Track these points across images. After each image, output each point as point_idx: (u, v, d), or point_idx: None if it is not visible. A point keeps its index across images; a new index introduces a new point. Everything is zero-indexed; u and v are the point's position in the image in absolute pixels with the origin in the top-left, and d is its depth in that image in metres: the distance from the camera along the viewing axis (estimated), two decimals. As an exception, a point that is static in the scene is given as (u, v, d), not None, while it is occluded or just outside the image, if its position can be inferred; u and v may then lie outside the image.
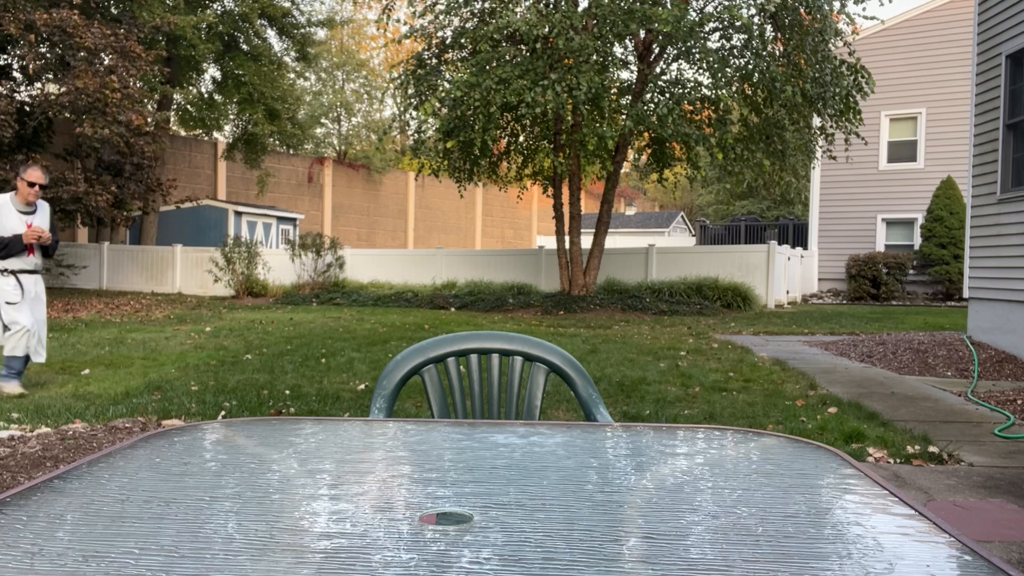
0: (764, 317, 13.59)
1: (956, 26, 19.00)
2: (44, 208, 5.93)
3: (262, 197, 27.70)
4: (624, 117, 13.28)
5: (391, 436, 1.29)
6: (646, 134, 14.19)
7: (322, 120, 33.99)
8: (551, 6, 13.38)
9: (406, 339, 9.49)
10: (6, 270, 5.73)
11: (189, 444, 1.23)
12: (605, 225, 14.87)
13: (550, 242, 33.10)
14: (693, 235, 39.65)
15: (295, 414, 5.14)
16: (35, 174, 5.68)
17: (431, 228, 35.41)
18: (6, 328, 5.69)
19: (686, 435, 1.32)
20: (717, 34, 13.38)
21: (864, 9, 15.90)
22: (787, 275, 17.38)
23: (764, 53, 12.33)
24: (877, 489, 1.03)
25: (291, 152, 29.38)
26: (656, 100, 13.62)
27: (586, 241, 18.04)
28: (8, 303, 5.70)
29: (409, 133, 15.75)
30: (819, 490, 1.01)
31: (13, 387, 5.73)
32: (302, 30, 24.52)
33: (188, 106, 24.53)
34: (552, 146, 14.96)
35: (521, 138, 15.90)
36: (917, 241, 19.56)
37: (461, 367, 1.87)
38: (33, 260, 5.83)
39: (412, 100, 14.29)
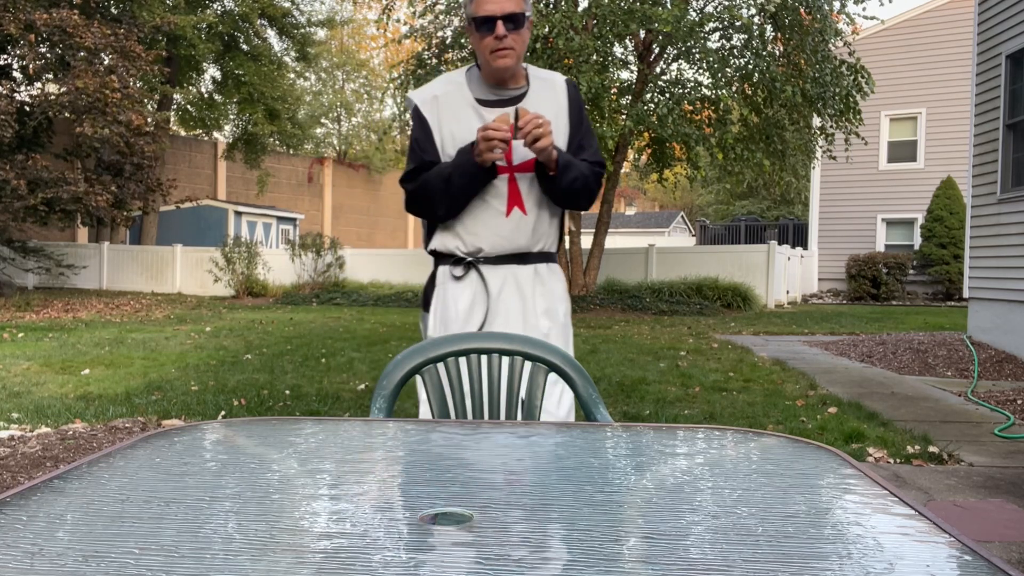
0: (764, 317, 13.59)
1: (956, 26, 18.99)
2: (551, 83, 2.26)
3: (262, 197, 27.71)
4: (624, 117, 13.28)
5: (391, 436, 1.29)
6: (646, 134, 14.19)
7: (322, 120, 34.01)
8: (551, 6, 13.37)
9: (406, 339, 9.49)
10: (453, 255, 2.23)
11: (189, 444, 1.23)
12: (605, 225, 14.87)
13: (550, 242, 32.98)
14: (693, 235, 39.63)
15: (295, 414, 5.14)
16: (490, 4, 2.09)
17: (431, 228, 35.39)
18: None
19: (686, 435, 1.32)
20: (717, 34, 13.38)
21: (864, 9, 15.95)
22: (787, 275, 17.38)
23: (764, 53, 12.33)
24: (877, 489, 1.03)
25: (291, 152, 29.39)
26: (656, 100, 13.61)
27: (586, 241, 18.02)
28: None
29: (409, 133, 15.77)
30: (819, 490, 1.01)
31: None
32: (302, 30, 24.55)
33: (188, 106, 24.55)
34: (552, 146, 14.93)
35: (521, 138, 15.87)
36: (917, 241, 19.56)
37: (461, 367, 1.87)
38: (519, 226, 2.17)
39: (412, 100, 14.28)
